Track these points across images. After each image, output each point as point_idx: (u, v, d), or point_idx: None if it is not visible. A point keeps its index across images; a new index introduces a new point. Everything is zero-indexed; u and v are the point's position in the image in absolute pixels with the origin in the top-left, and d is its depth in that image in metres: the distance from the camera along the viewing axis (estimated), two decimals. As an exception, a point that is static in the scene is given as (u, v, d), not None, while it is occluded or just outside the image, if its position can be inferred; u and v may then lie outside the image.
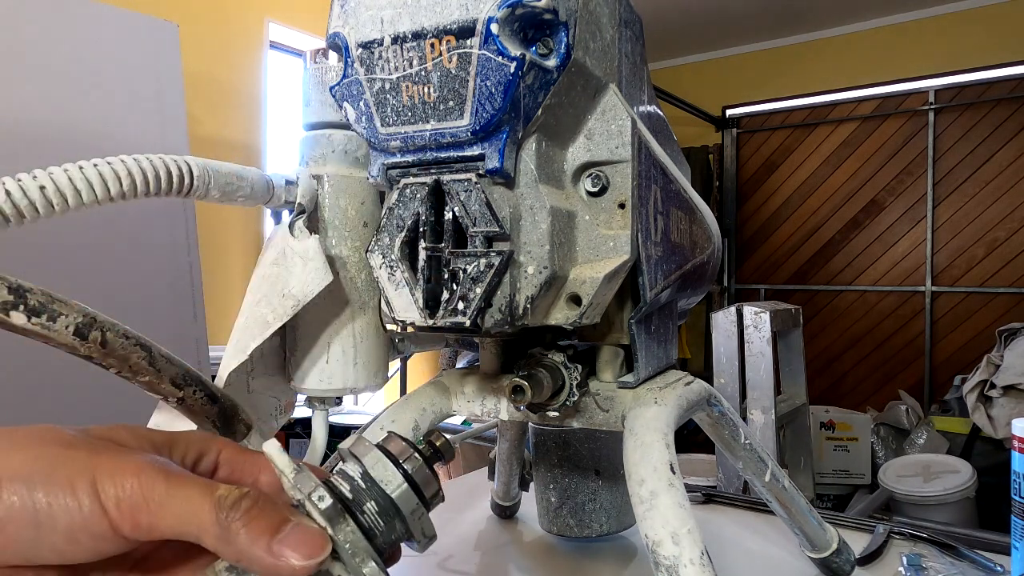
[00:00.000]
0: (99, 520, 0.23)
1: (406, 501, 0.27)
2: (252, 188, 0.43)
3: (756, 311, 1.80)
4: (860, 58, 3.88)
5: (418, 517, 0.27)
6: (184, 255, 1.71)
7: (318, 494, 0.25)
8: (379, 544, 0.27)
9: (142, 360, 0.38)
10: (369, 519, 0.26)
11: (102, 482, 0.23)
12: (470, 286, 0.35)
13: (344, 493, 0.26)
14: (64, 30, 1.54)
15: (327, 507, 0.25)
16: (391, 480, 0.27)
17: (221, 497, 0.23)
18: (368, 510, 0.26)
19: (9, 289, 0.33)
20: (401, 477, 0.27)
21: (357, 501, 0.26)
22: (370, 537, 0.26)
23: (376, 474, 0.27)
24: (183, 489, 0.24)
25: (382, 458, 0.27)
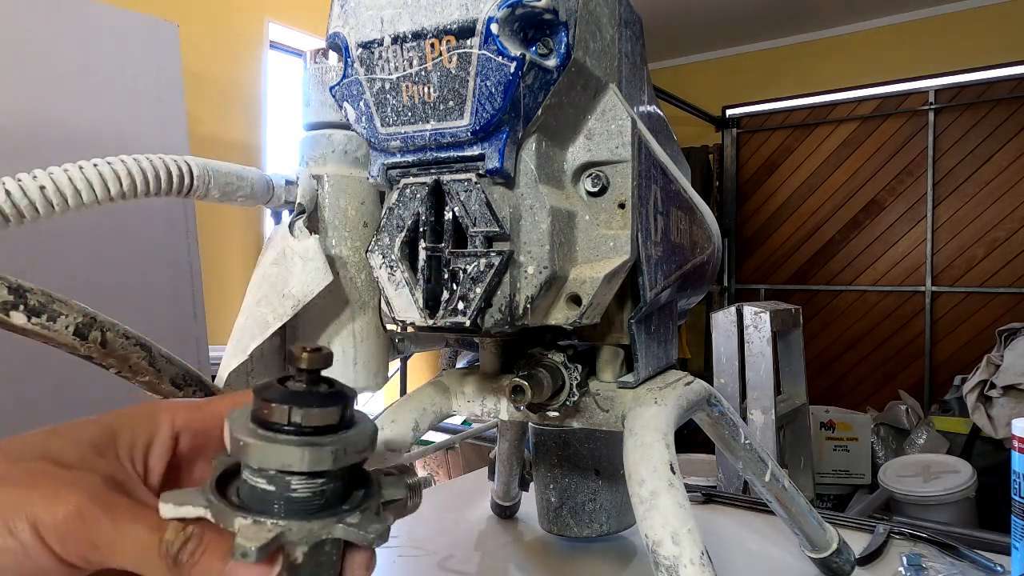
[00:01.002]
0: (46, 558, 0.22)
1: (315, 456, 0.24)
2: (252, 188, 0.43)
3: (756, 311, 1.80)
4: (860, 58, 3.88)
5: (342, 448, 0.24)
6: (184, 255, 1.71)
7: (239, 525, 0.23)
8: (325, 502, 0.25)
9: (142, 360, 0.38)
10: (301, 496, 0.24)
11: (42, 521, 0.22)
12: (470, 286, 0.35)
13: (262, 487, 0.24)
14: (64, 30, 1.54)
15: (258, 539, 0.23)
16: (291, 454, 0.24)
17: (168, 543, 0.23)
18: (296, 488, 0.24)
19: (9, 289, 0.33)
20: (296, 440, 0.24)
21: (278, 491, 0.24)
22: (314, 510, 0.24)
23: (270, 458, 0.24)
24: (129, 530, 0.23)
25: (267, 440, 0.24)
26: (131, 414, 0.28)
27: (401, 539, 0.78)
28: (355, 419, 0.26)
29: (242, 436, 0.24)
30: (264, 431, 0.24)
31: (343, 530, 0.24)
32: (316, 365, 0.25)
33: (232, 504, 0.24)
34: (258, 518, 0.23)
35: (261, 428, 0.24)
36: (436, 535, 0.79)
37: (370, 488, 0.27)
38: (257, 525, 0.23)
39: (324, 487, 0.25)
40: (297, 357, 0.25)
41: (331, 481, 0.25)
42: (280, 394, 0.24)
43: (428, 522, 0.83)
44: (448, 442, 1.15)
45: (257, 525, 0.23)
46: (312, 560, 0.24)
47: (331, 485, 0.25)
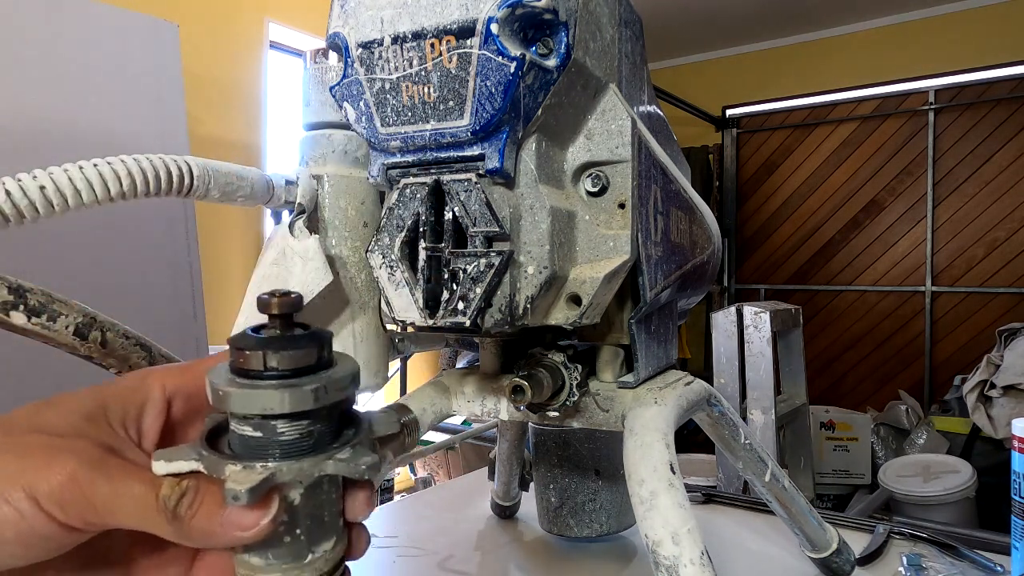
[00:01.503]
0: (46, 523, 0.23)
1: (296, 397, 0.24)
2: (252, 188, 0.43)
3: (756, 311, 1.80)
4: (860, 58, 3.88)
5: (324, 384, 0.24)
6: (184, 255, 1.71)
7: (229, 471, 0.24)
8: (317, 438, 0.25)
9: (142, 360, 0.38)
10: (291, 435, 0.24)
11: (38, 488, 0.22)
12: (470, 286, 0.35)
13: (250, 434, 0.24)
14: (64, 30, 1.54)
15: (248, 482, 0.23)
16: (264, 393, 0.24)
17: (165, 498, 0.23)
18: (283, 431, 0.24)
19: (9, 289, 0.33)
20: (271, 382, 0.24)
21: (265, 436, 0.24)
22: (305, 452, 0.24)
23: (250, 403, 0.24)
24: (126, 488, 0.23)
25: (245, 387, 0.24)
26: (121, 383, 0.28)
27: (401, 539, 0.78)
28: (335, 360, 0.26)
29: (221, 386, 0.24)
30: (243, 379, 0.24)
31: (334, 465, 0.24)
32: (287, 309, 0.25)
33: (223, 454, 0.24)
34: (248, 463, 0.23)
35: (240, 377, 0.24)
36: (436, 535, 0.79)
37: (360, 427, 0.27)
38: (247, 470, 0.23)
39: (311, 428, 0.25)
40: (267, 303, 0.25)
41: (317, 422, 0.25)
42: (254, 341, 0.25)
43: (428, 522, 0.83)
44: (448, 442, 1.15)
45: (247, 470, 0.23)
46: (310, 500, 0.25)
47: (318, 426, 0.25)
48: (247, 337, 0.25)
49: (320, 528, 0.25)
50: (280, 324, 0.25)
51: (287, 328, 0.25)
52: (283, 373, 0.24)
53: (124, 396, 0.27)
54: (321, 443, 0.25)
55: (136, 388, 0.28)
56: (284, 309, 0.25)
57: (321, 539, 0.25)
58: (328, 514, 0.26)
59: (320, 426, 0.25)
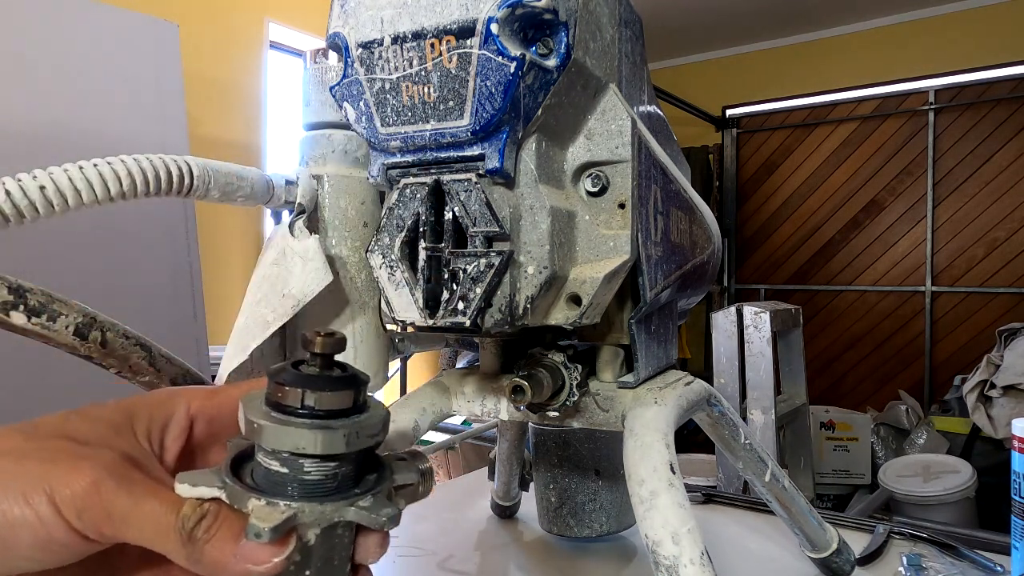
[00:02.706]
0: (64, 531, 0.23)
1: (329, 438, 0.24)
2: (252, 188, 0.43)
3: (756, 311, 1.80)
4: (860, 58, 3.88)
5: (354, 429, 0.25)
6: (184, 255, 1.71)
7: (252, 505, 0.24)
8: (339, 483, 0.25)
9: (142, 360, 0.38)
10: (314, 475, 0.24)
11: (59, 493, 0.22)
12: (470, 286, 0.35)
13: (276, 469, 0.24)
14: (64, 30, 1.54)
15: (272, 520, 0.23)
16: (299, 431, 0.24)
17: (185, 517, 0.23)
18: (306, 470, 0.24)
19: (9, 289, 0.33)
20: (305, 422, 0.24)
21: (291, 473, 0.24)
22: (326, 493, 0.25)
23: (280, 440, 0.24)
24: (145, 504, 0.23)
25: (278, 423, 0.24)
26: (148, 398, 0.28)
27: (401, 539, 0.78)
28: (368, 404, 0.26)
29: (256, 419, 0.24)
30: (278, 414, 0.24)
31: (355, 513, 0.24)
32: (329, 349, 0.25)
33: (246, 486, 0.25)
34: (271, 499, 0.24)
35: (275, 411, 0.25)
36: (436, 535, 0.79)
37: (382, 472, 0.27)
38: (270, 506, 0.23)
39: (337, 470, 0.25)
40: (311, 341, 0.25)
41: (344, 465, 0.25)
42: (294, 377, 0.25)
43: (428, 522, 0.83)
44: (448, 442, 1.15)
45: (270, 506, 0.23)
46: (325, 542, 0.25)
47: (344, 468, 0.25)
48: (287, 372, 0.25)
49: (330, 570, 0.25)
50: (320, 363, 0.25)
51: (327, 367, 0.25)
52: (317, 413, 0.24)
53: (151, 410, 0.27)
54: (343, 486, 0.25)
55: (162, 404, 0.28)
56: (327, 349, 0.25)
57: None
58: (339, 558, 0.25)
59: (345, 469, 0.25)
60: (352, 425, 0.24)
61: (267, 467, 0.25)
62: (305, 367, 0.25)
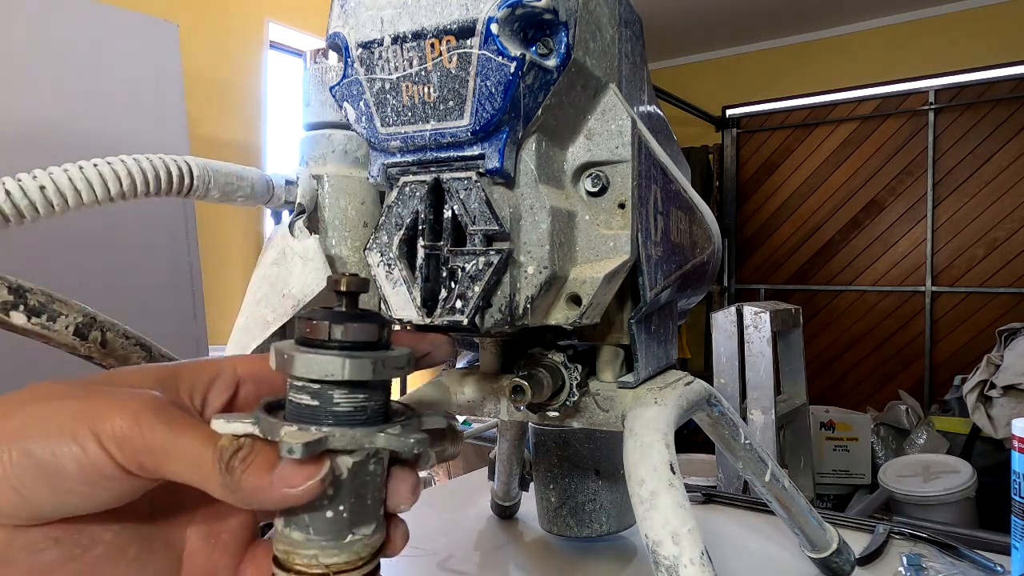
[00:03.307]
0: (106, 463, 0.23)
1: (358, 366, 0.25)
2: (252, 188, 0.43)
3: (756, 311, 1.80)
4: (860, 58, 3.88)
5: (382, 361, 0.26)
6: (184, 255, 1.71)
7: (285, 432, 0.24)
8: (370, 412, 0.26)
9: (142, 360, 0.38)
10: (344, 406, 0.25)
11: (100, 426, 0.23)
12: (468, 284, 0.35)
13: (307, 402, 0.25)
14: (64, 30, 1.54)
15: (304, 439, 0.24)
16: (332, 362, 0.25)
17: (223, 448, 0.24)
18: (339, 400, 0.25)
19: (9, 289, 0.33)
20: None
21: (321, 404, 0.25)
22: (359, 423, 0.25)
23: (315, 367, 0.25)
24: (184, 437, 0.24)
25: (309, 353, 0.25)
26: (195, 362, 0.29)
27: (401, 539, 0.78)
28: (392, 345, 0.27)
29: (286, 350, 0.25)
30: (307, 348, 0.25)
31: (385, 438, 0.25)
32: (355, 288, 0.26)
33: (279, 418, 0.25)
34: (303, 426, 0.24)
35: (305, 346, 0.26)
36: (436, 535, 0.79)
37: (410, 414, 0.28)
38: (302, 431, 0.24)
39: (366, 402, 0.26)
40: (336, 281, 0.26)
41: (372, 397, 0.26)
42: (322, 314, 0.26)
43: (428, 522, 0.83)
44: (448, 442, 1.15)
45: (302, 431, 0.24)
46: (356, 477, 0.25)
47: (372, 401, 0.26)
48: (315, 311, 0.26)
49: (363, 509, 0.26)
50: (347, 302, 0.26)
51: (353, 307, 0.27)
52: (345, 344, 0.25)
53: (196, 369, 0.28)
54: (373, 419, 0.26)
55: (208, 364, 0.29)
56: (352, 288, 0.26)
57: (362, 521, 0.26)
58: (371, 497, 0.26)
59: (374, 402, 0.26)
60: (379, 355, 0.25)
61: (298, 402, 0.25)
62: (333, 309, 0.26)
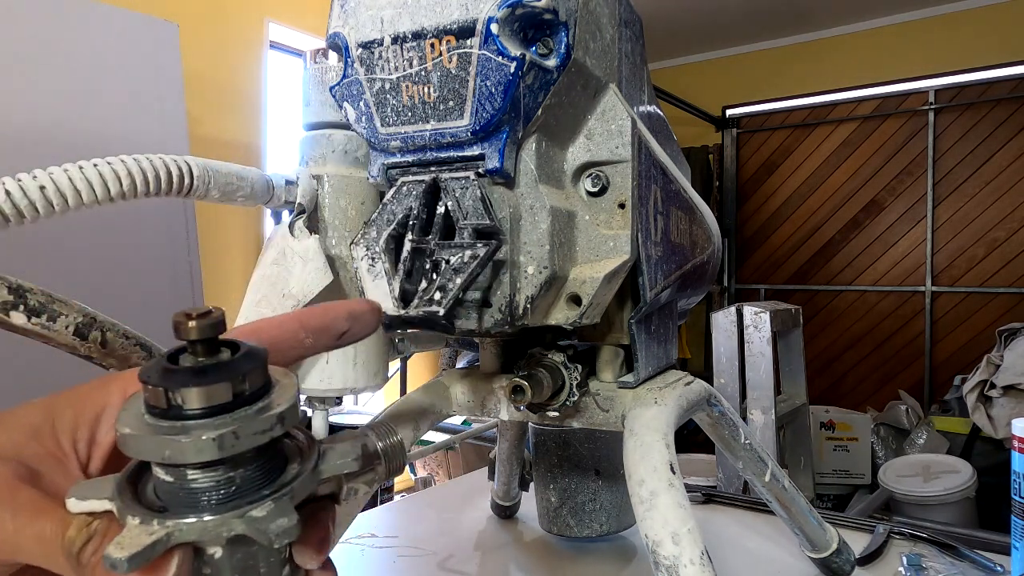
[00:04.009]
0: None
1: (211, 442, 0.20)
2: (252, 188, 0.43)
3: (756, 311, 1.80)
4: (860, 58, 3.88)
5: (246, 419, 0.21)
6: (184, 255, 1.71)
7: (138, 521, 0.21)
8: (236, 491, 0.21)
9: (142, 360, 0.38)
10: (201, 483, 0.21)
11: None
12: (450, 276, 0.34)
13: (163, 478, 0.21)
14: (64, 30, 1.54)
15: (135, 545, 0.20)
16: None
17: (70, 540, 0.21)
18: (193, 479, 0.21)
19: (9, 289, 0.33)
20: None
21: (177, 482, 0.21)
22: (223, 500, 0.21)
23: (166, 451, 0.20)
24: (32, 526, 0.22)
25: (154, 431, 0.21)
26: (77, 390, 0.26)
27: (401, 539, 0.78)
28: (266, 388, 0.22)
29: (119, 426, 0.21)
30: (149, 418, 0.21)
31: (244, 525, 0.21)
32: (206, 333, 0.21)
33: (134, 499, 0.22)
34: (147, 517, 0.20)
35: (148, 415, 0.21)
36: (436, 535, 0.79)
37: (304, 464, 0.23)
38: (142, 526, 0.20)
39: (229, 474, 0.21)
40: (182, 327, 0.21)
41: (236, 467, 0.21)
42: (159, 373, 0.21)
43: (428, 522, 0.83)
44: (448, 442, 1.15)
45: (142, 526, 0.20)
46: (235, 552, 0.22)
47: (239, 471, 0.21)
48: (156, 367, 0.21)
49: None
50: (200, 350, 0.22)
51: (209, 353, 0.22)
52: (191, 414, 0.21)
53: (79, 403, 0.25)
54: (245, 490, 0.21)
55: (92, 394, 0.25)
56: (203, 334, 0.21)
57: None
58: (265, 564, 0.22)
59: (244, 471, 0.21)
60: (231, 423, 0.21)
61: (156, 475, 0.22)
62: (184, 357, 0.22)
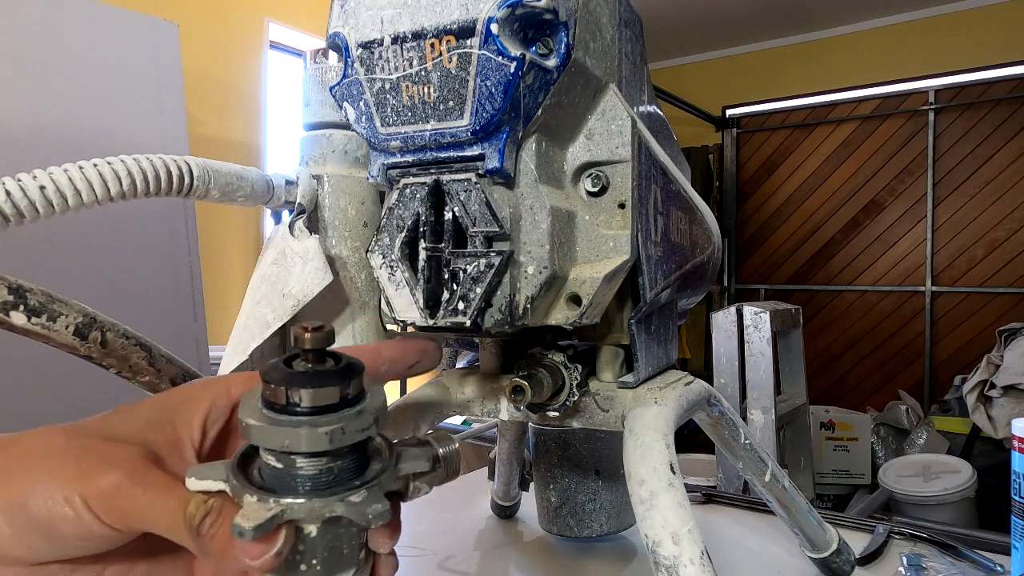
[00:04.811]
0: (96, 524, 0.25)
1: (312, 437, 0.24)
2: (252, 188, 0.43)
3: (756, 311, 1.80)
4: (860, 58, 3.88)
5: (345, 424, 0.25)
6: (184, 255, 1.71)
7: (246, 502, 0.24)
8: (338, 478, 0.25)
9: (142, 360, 0.38)
10: (308, 471, 0.25)
11: (88, 491, 0.25)
12: (470, 286, 0.35)
13: (273, 464, 0.25)
14: (64, 30, 1.54)
15: (256, 518, 0.24)
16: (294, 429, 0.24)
17: (191, 515, 0.25)
18: (300, 466, 0.25)
19: (9, 289, 0.33)
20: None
21: (286, 468, 0.25)
22: (323, 487, 0.25)
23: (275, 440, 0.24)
24: (160, 500, 0.25)
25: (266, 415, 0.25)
26: (186, 390, 0.30)
27: (401, 539, 0.78)
28: (363, 394, 0.26)
29: (245, 417, 0.25)
30: (268, 412, 0.25)
31: (344, 508, 0.25)
32: (319, 344, 0.25)
33: (246, 480, 0.25)
34: (263, 496, 0.24)
35: (266, 409, 0.25)
36: (436, 535, 0.79)
37: (387, 464, 0.27)
38: (260, 503, 0.24)
39: (331, 464, 0.25)
40: (299, 338, 0.25)
41: (337, 459, 0.25)
42: (280, 375, 0.25)
43: (428, 522, 0.83)
44: (448, 442, 1.15)
45: (260, 503, 0.24)
46: (327, 533, 0.25)
47: (338, 462, 0.25)
48: (276, 369, 0.25)
49: (338, 559, 0.26)
50: (311, 358, 0.26)
51: (318, 361, 0.26)
52: (304, 411, 0.25)
53: (189, 401, 0.29)
54: (342, 479, 0.26)
55: (203, 391, 0.30)
56: (316, 344, 0.25)
57: (338, 570, 0.26)
58: (347, 546, 0.26)
59: (341, 463, 0.26)
60: (339, 420, 0.25)
61: (266, 462, 0.25)
62: (297, 362, 0.26)
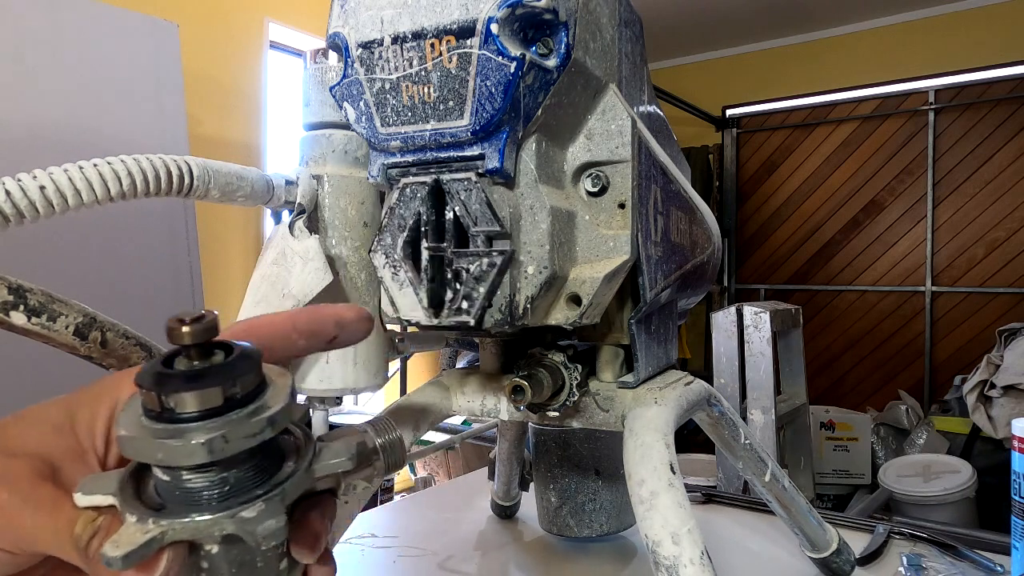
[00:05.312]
0: None
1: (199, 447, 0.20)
2: (252, 188, 0.43)
3: (756, 311, 1.80)
4: (860, 58, 3.88)
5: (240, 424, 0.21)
6: (184, 255, 1.71)
7: (135, 519, 0.21)
8: (236, 489, 0.22)
9: (142, 360, 0.38)
10: (199, 481, 0.22)
11: None
12: (473, 285, 0.35)
13: (161, 477, 0.22)
14: (64, 30, 1.54)
15: (130, 544, 0.21)
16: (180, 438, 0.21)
17: (77, 536, 0.23)
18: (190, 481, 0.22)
19: (9, 289, 0.33)
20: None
21: (173, 481, 0.22)
22: (217, 500, 0.22)
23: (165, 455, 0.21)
24: (47, 521, 0.23)
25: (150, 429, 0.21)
26: (92, 388, 0.27)
27: (401, 539, 0.78)
28: (260, 389, 0.22)
29: (118, 427, 0.21)
30: (145, 420, 0.21)
31: (234, 525, 0.21)
32: (200, 338, 0.21)
33: (135, 494, 0.22)
34: (144, 516, 0.21)
35: (145, 416, 0.21)
36: (436, 535, 0.79)
37: (299, 463, 0.23)
38: (138, 524, 0.21)
39: (223, 475, 0.22)
40: (174, 331, 0.21)
41: (230, 468, 0.22)
42: (152, 377, 0.21)
43: (428, 522, 0.83)
44: (448, 442, 1.15)
45: (138, 524, 0.21)
46: (232, 549, 0.22)
47: (233, 471, 0.22)
48: (149, 371, 0.22)
49: (251, 573, 0.23)
50: (194, 354, 0.22)
51: (203, 357, 0.22)
52: (183, 417, 0.21)
53: (95, 400, 0.26)
54: (240, 489, 0.22)
55: (108, 390, 0.27)
56: (197, 338, 0.21)
57: None
58: (262, 558, 0.23)
59: (237, 472, 0.22)
60: (221, 427, 0.21)
61: (156, 474, 0.22)
62: (178, 360, 0.22)
